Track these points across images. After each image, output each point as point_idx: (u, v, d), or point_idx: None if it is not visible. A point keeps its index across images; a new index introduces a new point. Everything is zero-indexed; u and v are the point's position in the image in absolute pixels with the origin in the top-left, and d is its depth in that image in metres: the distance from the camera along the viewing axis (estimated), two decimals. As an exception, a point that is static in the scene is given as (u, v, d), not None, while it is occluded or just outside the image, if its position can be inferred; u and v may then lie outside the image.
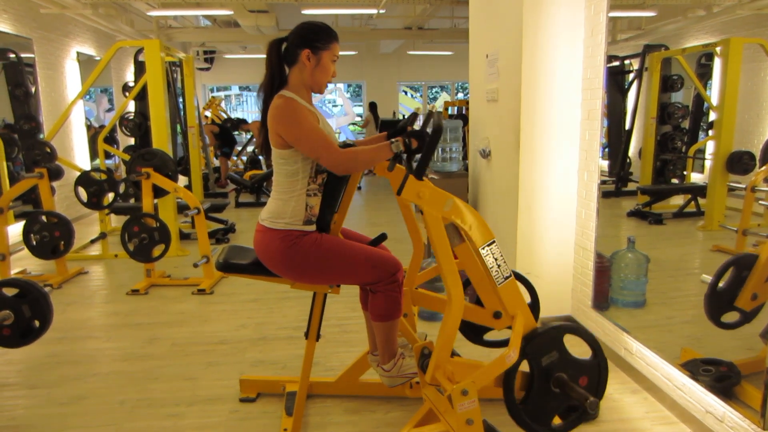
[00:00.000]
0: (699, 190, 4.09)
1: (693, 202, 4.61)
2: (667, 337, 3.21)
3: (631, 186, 5.24)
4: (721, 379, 2.41)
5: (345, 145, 2.10)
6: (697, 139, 3.87)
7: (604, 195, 5.34)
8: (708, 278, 2.38)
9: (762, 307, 2.29)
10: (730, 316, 2.37)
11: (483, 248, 1.88)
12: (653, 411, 2.52)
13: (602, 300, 3.36)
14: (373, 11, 8.11)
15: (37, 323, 2.53)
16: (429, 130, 1.90)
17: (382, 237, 2.21)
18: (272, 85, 2.07)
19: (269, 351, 3.19)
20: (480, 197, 4.02)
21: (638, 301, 3.42)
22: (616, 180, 5.25)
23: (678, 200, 4.66)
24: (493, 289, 1.94)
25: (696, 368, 2.49)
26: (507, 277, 1.91)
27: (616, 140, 5.45)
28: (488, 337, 2.63)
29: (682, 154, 4.57)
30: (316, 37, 2.05)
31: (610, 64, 5.37)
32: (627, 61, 5.26)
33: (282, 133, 1.97)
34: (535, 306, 2.54)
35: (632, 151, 5.01)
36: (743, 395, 2.19)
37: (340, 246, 2.06)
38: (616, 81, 5.37)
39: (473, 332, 2.58)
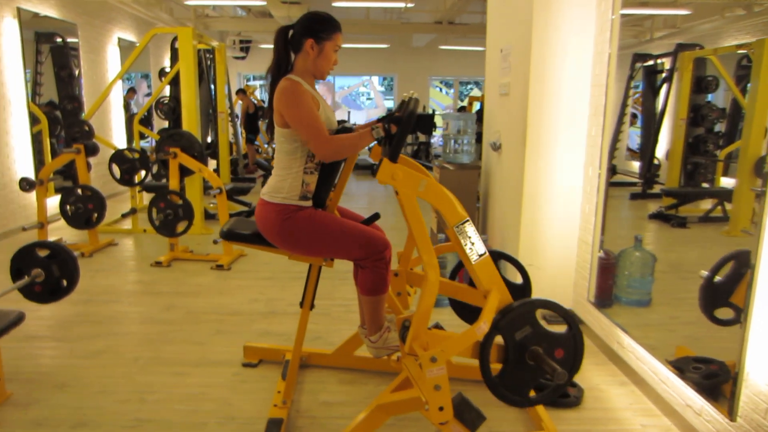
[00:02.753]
0: (725, 195, 4.08)
1: (720, 207, 4.59)
2: (666, 336, 3.25)
3: (658, 188, 5.22)
4: (710, 376, 2.46)
5: (344, 129, 2.24)
6: (733, 142, 3.84)
7: (631, 197, 5.34)
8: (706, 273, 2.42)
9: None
10: (725, 312, 2.39)
11: (456, 227, 1.99)
12: (637, 403, 2.59)
13: (606, 296, 3.41)
14: (402, 5, 8.21)
15: (65, 282, 2.75)
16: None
17: (375, 216, 2.35)
18: (278, 69, 2.23)
19: (276, 324, 3.38)
20: (490, 189, 4.12)
21: (643, 299, 3.46)
22: (643, 182, 5.25)
23: (708, 204, 4.64)
24: (468, 267, 2.05)
25: (687, 365, 2.53)
26: (481, 255, 2.02)
27: (646, 141, 5.44)
28: None
29: (714, 158, 4.55)
30: (320, 27, 2.20)
31: (645, 63, 5.34)
32: (660, 60, 5.23)
33: (283, 113, 2.13)
34: (526, 287, 2.61)
35: (662, 152, 5.00)
36: (729, 393, 2.26)
37: (333, 222, 2.21)
38: (649, 80, 5.34)
39: (469, 313, 2.67)
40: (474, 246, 2.00)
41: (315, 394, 2.59)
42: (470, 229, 1.99)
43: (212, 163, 7.17)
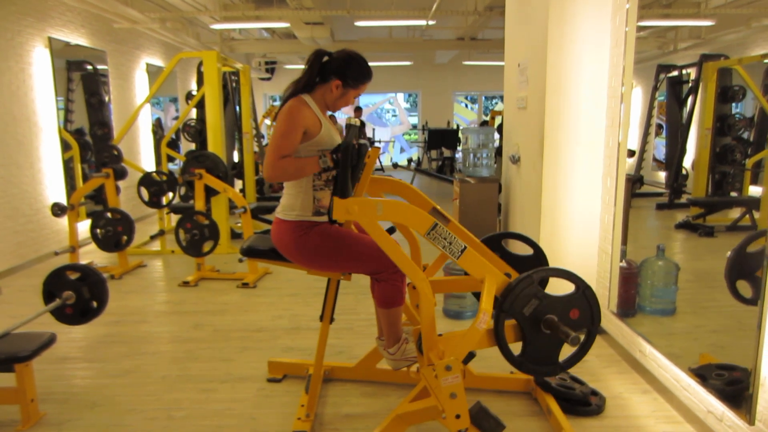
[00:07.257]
0: (754, 203, 4.03)
1: (748, 216, 4.51)
2: (690, 344, 3.22)
3: (685, 198, 5.16)
4: (733, 383, 2.44)
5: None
6: (761, 150, 3.84)
7: (658, 207, 5.29)
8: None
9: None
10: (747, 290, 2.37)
11: (428, 234, 2.02)
12: (660, 410, 2.59)
13: (629, 306, 3.39)
14: (424, 22, 8.32)
15: (95, 304, 2.85)
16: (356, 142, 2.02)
17: (391, 230, 2.38)
18: (297, 85, 2.28)
19: (300, 339, 3.43)
20: (510, 201, 4.14)
21: (667, 309, 3.43)
22: (670, 192, 5.20)
23: (736, 213, 4.57)
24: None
25: (709, 372, 2.53)
26: (462, 250, 2.03)
27: (672, 151, 5.39)
28: None
29: (741, 167, 4.49)
30: (352, 74, 2.25)
31: (669, 74, 5.31)
32: (685, 71, 5.19)
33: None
34: (539, 256, 2.62)
35: (688, 162, 4.95)
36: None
37: (348, 237, 2.26)
38: (674, 91, 5.30)
39: None
40: (451, 245, 2.02)
41: (338, 407, 2.63)
42: (442, 230, 2.02)
43: (239, 183, 7.31)
